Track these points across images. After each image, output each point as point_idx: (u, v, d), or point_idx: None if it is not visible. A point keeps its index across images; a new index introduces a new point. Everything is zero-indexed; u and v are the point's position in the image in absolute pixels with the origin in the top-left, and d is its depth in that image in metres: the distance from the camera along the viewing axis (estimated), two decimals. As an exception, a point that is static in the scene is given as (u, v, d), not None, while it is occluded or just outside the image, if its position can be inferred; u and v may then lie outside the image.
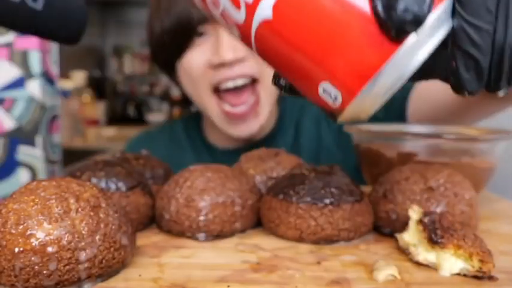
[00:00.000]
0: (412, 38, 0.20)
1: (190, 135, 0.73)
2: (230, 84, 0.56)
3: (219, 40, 0.54)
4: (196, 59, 0.57)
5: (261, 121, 0.59)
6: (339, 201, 0.35)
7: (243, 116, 0.57)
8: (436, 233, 0.30)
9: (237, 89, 0.57)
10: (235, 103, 0.57)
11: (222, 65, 0.55)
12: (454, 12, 0.21)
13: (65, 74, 2.51)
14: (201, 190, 0.36)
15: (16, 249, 0.25)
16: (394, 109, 0.60)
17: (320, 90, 0.23)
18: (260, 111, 0.58)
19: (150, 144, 0.66)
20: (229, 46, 0.54)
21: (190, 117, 0.76)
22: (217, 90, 0.57)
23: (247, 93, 0.57)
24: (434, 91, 0.56)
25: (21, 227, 0.25)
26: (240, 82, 0.56)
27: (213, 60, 0.55)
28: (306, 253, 0.33)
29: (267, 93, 0.58)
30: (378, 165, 0.47)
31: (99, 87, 2.82)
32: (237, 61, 0.55)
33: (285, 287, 0.28)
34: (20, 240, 0.25)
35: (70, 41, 0.38)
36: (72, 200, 0.27)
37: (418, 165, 0.39)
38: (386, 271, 0.29)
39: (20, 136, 0.53)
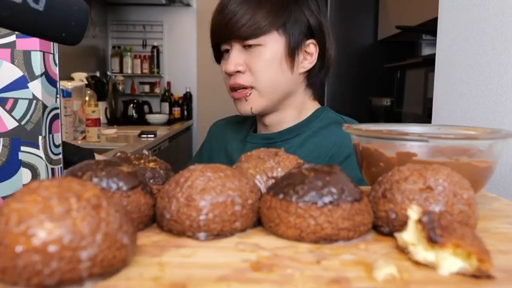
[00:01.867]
0: None
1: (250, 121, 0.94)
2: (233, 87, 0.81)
3: (230, 57, 0.78)
4: (222, 68, 0.82)
5: (251, 106, 0.80)
6: (338, 201, 0.35)
7: (239, 99, 0.82)
8: (435, 232, 0.30)
9: (236, 88, 0.81)
10: (237, 97, 0.82)
11: (228, 74, 0.79)
12: None
13: (66, 74, 2.51)
14: (201, 190, 0.36)
15: (17, 249, 0.25)
16: None
17: None
18: (250, 101, 0.80)
19: (224, 125, 0.97)
20: (232, 62, 0.77)
21: None
22: (232, 89, 0.82)
23: (242, 91, 0.81)
24: None
25: (22, 226, 0.25)
26: (236, 87, 0.80)
27: (224, 69, 0.81)
28: (305, 252, 0.33)
29: (257, 95, 0.80)
30: (377, 165, 0.47)
31: (99, 87, 2.81)
32: (236, 73, 0.78)
33: (285, 286, 0.28)
34: (22, 239, 0.25)
35: (71, 41, 0.38)
36: (73, 200, 0.27)
37: (417, 165, 0.39)
38: (386, 270, 0.29)
39: (22, 136, 0.53)
